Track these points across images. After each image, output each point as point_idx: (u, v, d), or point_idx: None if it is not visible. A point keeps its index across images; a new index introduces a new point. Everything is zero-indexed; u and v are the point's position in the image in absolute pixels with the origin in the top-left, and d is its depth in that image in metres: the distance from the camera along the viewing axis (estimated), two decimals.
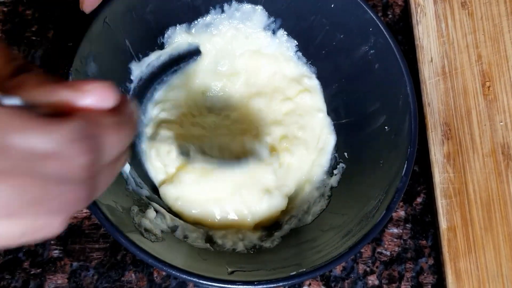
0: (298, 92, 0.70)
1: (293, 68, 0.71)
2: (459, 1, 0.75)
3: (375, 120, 0.63)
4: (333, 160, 0.68)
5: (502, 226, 0.66)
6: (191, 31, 0.68)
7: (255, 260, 0.58)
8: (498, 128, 0.70)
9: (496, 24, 0.74)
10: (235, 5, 0.68)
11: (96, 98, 0.31)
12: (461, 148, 0.69)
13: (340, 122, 0.69)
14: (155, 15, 0.64)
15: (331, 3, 0.64)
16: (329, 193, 0.66)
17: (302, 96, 0.70)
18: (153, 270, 0.64)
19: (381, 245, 0.68)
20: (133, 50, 0.64)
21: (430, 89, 0.71)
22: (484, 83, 0.71)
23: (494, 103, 0.71)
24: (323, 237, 0.59)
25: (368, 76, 0.64)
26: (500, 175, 0.68)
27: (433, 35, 0.73)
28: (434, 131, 0.69)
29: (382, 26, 0.61)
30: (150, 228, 0.56)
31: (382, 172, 0.60)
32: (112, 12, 0.58)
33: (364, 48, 0.64)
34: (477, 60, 0.72)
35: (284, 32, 0.70)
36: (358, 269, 0.67)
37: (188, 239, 0.60)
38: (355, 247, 0.53)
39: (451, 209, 0.67)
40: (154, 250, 0.50)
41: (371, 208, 0.57)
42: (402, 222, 0.70)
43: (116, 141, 0.33)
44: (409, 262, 0.68)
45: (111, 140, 0.32)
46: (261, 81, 0.71)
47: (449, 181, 0.68)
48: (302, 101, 0.70)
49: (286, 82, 0.71)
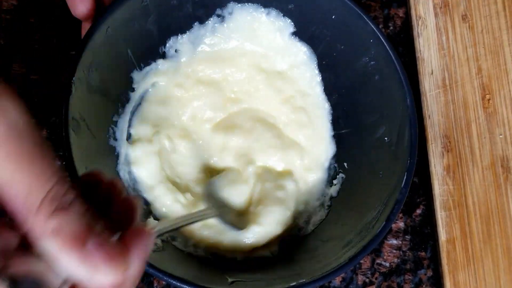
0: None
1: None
2: (459, 14, 0.75)
3: (375, 131, 0.64)
4: (333, 170, 0.68)
5: (501, 239, 0.66)
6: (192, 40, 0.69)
7: (256, 270, 0.58)
8: (497, 141, 0.70)
9: (496, 37, 0.74)
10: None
11: (108, 278, 0.31)
12: (461, 161, 0.69)
13: (340, 132, 0.69)
14: (157, 25, 0.64)
15: (332, 14, 0.64)
16: (328, 203, 0.66)
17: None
18: (153, 279, 0.64)
19: (380, 256, 0.69)
20: (135, 59, 0.64)
21: (431, 101, 0.71)
22: (484, 96, 0.72)
23: (494, 116, 0.71)
24: (323, 247, 0.59)
25: (369, 87, 0.65)
26: (499, 188, 0.68)
27: (433, 48, 0.74)
28: (434, 143, 0.70)
29: (383, 37, 0.62)
30: None
31: (382, 183, 0.60)
32: (115, 22, 0.58)
33: (365, 60, 0.64)
34: (477, 73, 0.73)
35: None
36: (357, 280, 0.67)
37: (189, 248, 0.60)
38: (355, 258, 0.53)
39: (450, 221, 0.67)
40: (155, 259, 0.51)
41: (371, 219, 0.57)
42: (401, 234, 0.70)
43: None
44: (408, 273, 0.68)
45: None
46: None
47: (448, 193, 0.68)
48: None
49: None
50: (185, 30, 0.68)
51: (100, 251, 0.30)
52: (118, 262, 0.31)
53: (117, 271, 0.31)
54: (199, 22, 0.68)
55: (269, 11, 0.68)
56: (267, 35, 0.69)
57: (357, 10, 0.62)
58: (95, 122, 0.58)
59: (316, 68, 0.69)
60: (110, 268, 0.31)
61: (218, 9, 0.67)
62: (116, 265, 0.31)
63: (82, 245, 0.30)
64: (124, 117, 0.64)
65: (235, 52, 0.70)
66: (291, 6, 0.66)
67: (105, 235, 0.32)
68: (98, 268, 0.31)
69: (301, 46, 0.69)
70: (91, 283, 0.31)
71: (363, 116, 0.66)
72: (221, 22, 0.68)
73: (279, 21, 0.68)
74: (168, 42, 0.67)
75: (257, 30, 0.69)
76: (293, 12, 0.67)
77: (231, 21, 0.68)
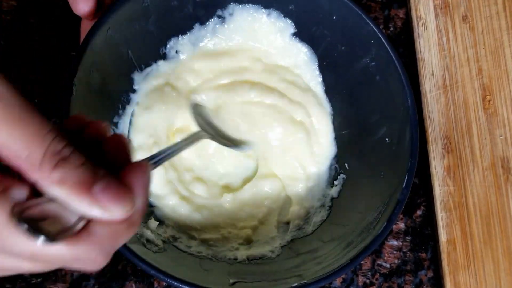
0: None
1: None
2: (460, 15, 0.75)
3: (376, 131, 0.64)
4: (334, 171, 0.68)
5: (501, 240, 0.66)
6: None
7: (257, 271, 0.58)
8: (498, 142, 0.70)
9: (496, 38, 0.74)
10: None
11: (118, 215, 0.34)
12: (461, 162, 0.69)
13: (341, 133, 0.69)
14: (158, 26, 0.64)
15: (333, 15, 0.65)
16: (329, 204, 0.66)
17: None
18: (154, 280, 0.64)
19: (380, 257, 0.69)
20: (135, 60, 0.64)
21: (431, 102, 0.72)
22: (484, 97, 0.72)
23: (494, 117, 0.71)
24: (324, 248, 0.59)
25: (369, 87, 0.65)
26: (499, 189, 0.68)
27: (434, 49, 0.74)
28: (434, 144, 0.70)
29: (384, 38, 0.62)
30: (152, 239, 0.56)
31: (383, 184, 0.60)
32: (115, 23, 0.58)
33: (366, 60, 0.64)
34: (478, 74, 0.73)
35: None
36: (357, 281, 0.67)
37: (190, 248, 0.60)
38: (356, 258, 0.53)
39: (451, 222, 0.67)
40: (156, 261, 0.51)
41: (372, 220, 0.57)
42: (402, 235, 0.70)
43: (128, 236, 0.37)
44: (409, 274, 0.68)
45: (124, 239, 0.36)
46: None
47: (449, 194, 0.68)
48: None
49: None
50: (186, 31, 0.68)
51: (106, 193, 0.33)
52: (124, 199, 0.34)
53: (124, 207, 0.34)
54: (199, 23, 0.68)
55: (269, 12, 0.68)
56: (267, 36, 0.70)
57: (358, 10, 0.62)
58: None
59: (317, 69, 0.70)
60: (118, 206, 0.34)
61: (219, 10, 0.67)
62: (123, 203, 0.34)
63: (88, 190, 0.33)
64: (124, 118, 0.64)
65: (236, 49, 0.71)
66: (292, 7, 0.67)
67: (108, 178, 0.34)
68: (107, 207, 0.33)
69: (301, 46, 0.69)
70: (103, 219, 0.34)
71: (364, 117, 0.66)
72: (222, 23, 0.68)
73: (279, 22, 0.68)
74: (169, 43, 0.67)
75: (257, 30, 0.69)
76: (293, 13, 0.67)
77: (231, 22, 0.68)
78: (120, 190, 0.34)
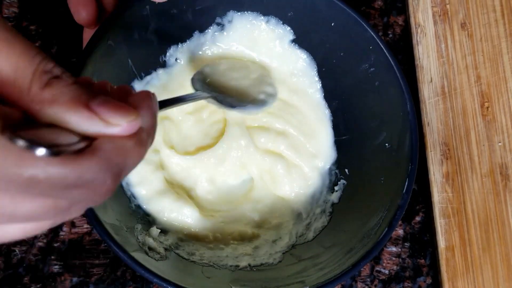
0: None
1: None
2: (458, 22, 0.76)
3: (376, 137, 0.64)
4: (334, 176, 0.69)
5: (500, 246, 0.67)
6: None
7: (259, 278, 0.58)
8: (496, 149, 0.70)
9: (495, 45, 0.74)
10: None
11: (123, 129, 0.32)
12: (460, 168, 0.69)
13: (340, 138, 0.69)
14: (157, 34, 0.64)
15: (332, 21, 0.65)
16: (330, 210, 0.66)
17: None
18: (153, 286, 0.64)
19: (379, 263, 0.69)
20: (135, 69, 0.64)
21: (430, 109, 0.72)
22: (483, 104, 0.72)
23: (492, 123, 0.71)
24: (325, 254, 0.59)
25: (369, 93, 0.65)
26: (498, 195, 0.68)
27: (433, 56, 0.74)
28: (433, 151, 0.70)
29: (383, 45, 0.62)
30: (154, 247, 0.56)
31: (383, 189, 0.60)
32: (115, 31, 0.58)
33: (365, 66, 0.64)
34: (476, 80, 0.73)
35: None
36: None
37: (193, 256, 0.60)
38: (358, 264, 0.53)
39: (449, 228, 0.67)
40: (159, 269, 0.51)
41: (372, 225, 0.57)
42: (400, 241, 0.70)
43: (138, 157, 0.34)
44: (408, 281, 0.68)
45: (133, 160, 0.33)
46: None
47: (447, 201, 0.68)
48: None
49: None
50: (185, 39, 0.68)
51: (105, 106, 0.31)
52: (126, 111, 0.32)
53: (127, 118, 0.32)
54: (199, 31, 0.68)
55: (268, 19, 0.68)
56: (267, 43, 0.70)
57: (356, 17, 0.63)
58: None
59: (316, 75, 0.70)
60: (120, 117, 0.31)
61: (218, 18, 0.68)
62: (124, 114, 0.32)
63: (85, 105, 0.30)
64: None
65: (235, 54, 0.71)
66: (291, 13, 0.67)
67: (105, 96, 0.32)
68: (108, 120, 0.31)
69: (300, 53, 0.70)
70: (107, 133, 0.31)
71: (364, 122, 0.66)
72: (221, 31, 0.69)
73: (278, 29, 0.69)
74: (169, 51, 0.67)
75: (257, 38, 0.70)
76: (292, 20, 0.68)
77: (231, 29, 0.69)
78: (121, 105, 0.32)
